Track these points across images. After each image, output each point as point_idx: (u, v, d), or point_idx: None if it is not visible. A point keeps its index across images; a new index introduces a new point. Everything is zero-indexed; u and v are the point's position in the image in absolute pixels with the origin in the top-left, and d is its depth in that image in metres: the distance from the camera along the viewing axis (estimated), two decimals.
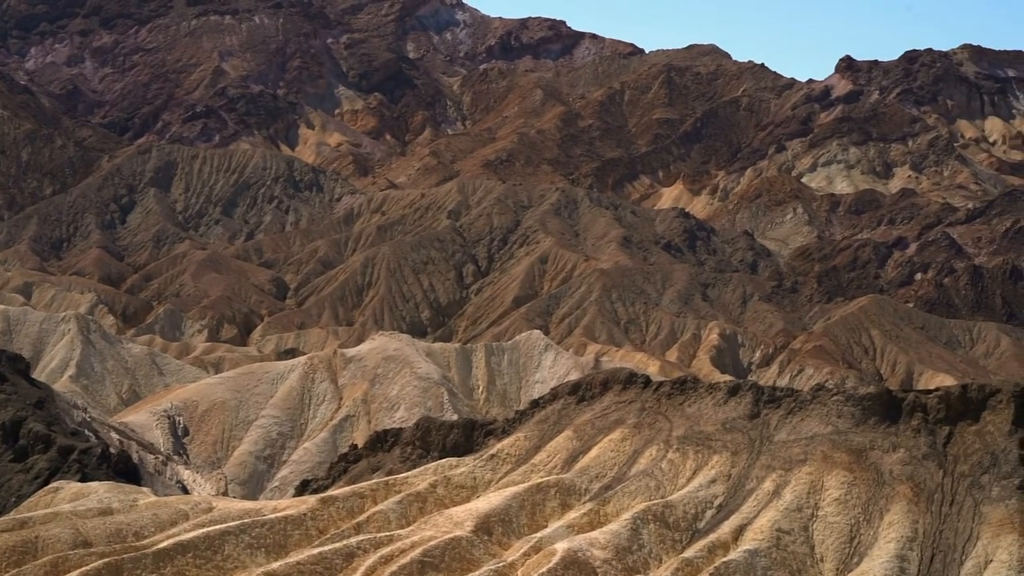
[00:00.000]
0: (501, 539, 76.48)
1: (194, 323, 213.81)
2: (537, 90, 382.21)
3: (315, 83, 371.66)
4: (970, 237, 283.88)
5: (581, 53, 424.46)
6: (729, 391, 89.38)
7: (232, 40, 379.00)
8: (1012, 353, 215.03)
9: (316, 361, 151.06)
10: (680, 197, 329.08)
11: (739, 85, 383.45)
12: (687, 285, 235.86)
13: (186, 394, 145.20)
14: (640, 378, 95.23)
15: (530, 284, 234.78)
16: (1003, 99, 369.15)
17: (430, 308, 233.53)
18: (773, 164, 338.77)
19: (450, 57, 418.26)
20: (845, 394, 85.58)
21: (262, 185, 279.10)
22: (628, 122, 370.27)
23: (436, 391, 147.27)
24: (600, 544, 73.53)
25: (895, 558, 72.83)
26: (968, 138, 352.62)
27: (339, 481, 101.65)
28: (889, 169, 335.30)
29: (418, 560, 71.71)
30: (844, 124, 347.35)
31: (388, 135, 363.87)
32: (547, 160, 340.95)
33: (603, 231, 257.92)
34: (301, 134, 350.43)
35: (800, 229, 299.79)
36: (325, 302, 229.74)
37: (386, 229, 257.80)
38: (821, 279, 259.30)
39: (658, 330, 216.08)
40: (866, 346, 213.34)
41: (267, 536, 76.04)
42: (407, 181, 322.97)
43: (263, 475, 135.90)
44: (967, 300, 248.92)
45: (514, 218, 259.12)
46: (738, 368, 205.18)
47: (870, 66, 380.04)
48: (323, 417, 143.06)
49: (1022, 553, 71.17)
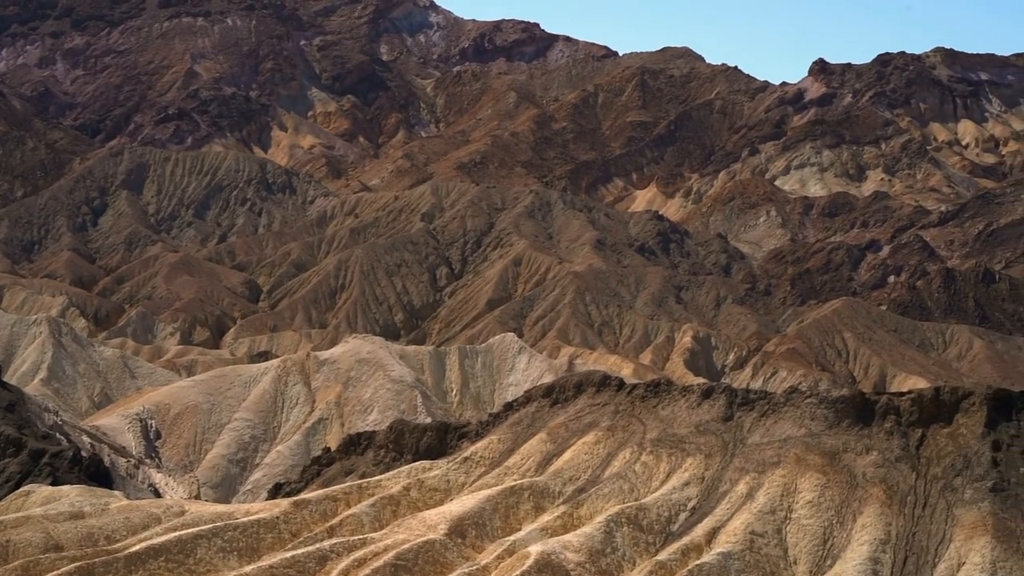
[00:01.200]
0: (475, 542, 76.33)
1: (166, 326, 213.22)
2: (511, 92, 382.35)
3: (288, 85, 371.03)
4: (943, 240, 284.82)
5: (555, 55, 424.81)
6: (703, 394, 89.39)
7: (204, 42, 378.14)
8: (985, 356, 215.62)
9: (289, 364, 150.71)
10: (654, 200, 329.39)
11: (712, 88, 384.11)
12: (661, 288, 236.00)
13: (158, 397, 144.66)
14: (614, 381, 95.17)
15: (504, 287, 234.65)
16: (976, 102, 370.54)
17: (403, 311, 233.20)
18: (746, 167, 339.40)
19: (423, 59, 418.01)
20: (818, 397, 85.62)
21: (235, 187, 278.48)
22: (602, 125, 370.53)
23: (410, 394, 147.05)
24: (574, 547, 73.42)
25: (868, 560, 72.90)
26: (941, 141, 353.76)
27: (312, 484, 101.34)
28: (862, 172, 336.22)
29: (391, 563, 71.51)
30: (817, 127, 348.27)
31: (361, 137, 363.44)
32: (521, 162, 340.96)
33: (577, 234, 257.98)
34: (274, 136, 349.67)
35: (773, 232, 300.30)
36: (298, 305, 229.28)
37: (359, 231, 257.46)
38: (794, 282, 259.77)
39: (632, 332, 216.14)
40: (839, 349, 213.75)
41: (240, 540, 75.76)
42: (380, 183, 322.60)
43: (236, 478, 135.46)
44: (940, 303, 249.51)
45: (488, 220, 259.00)
46: (711, 370, 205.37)
47: (843, 69, 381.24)
48: (296, 420, 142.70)
49: (994, 555, 71.28)
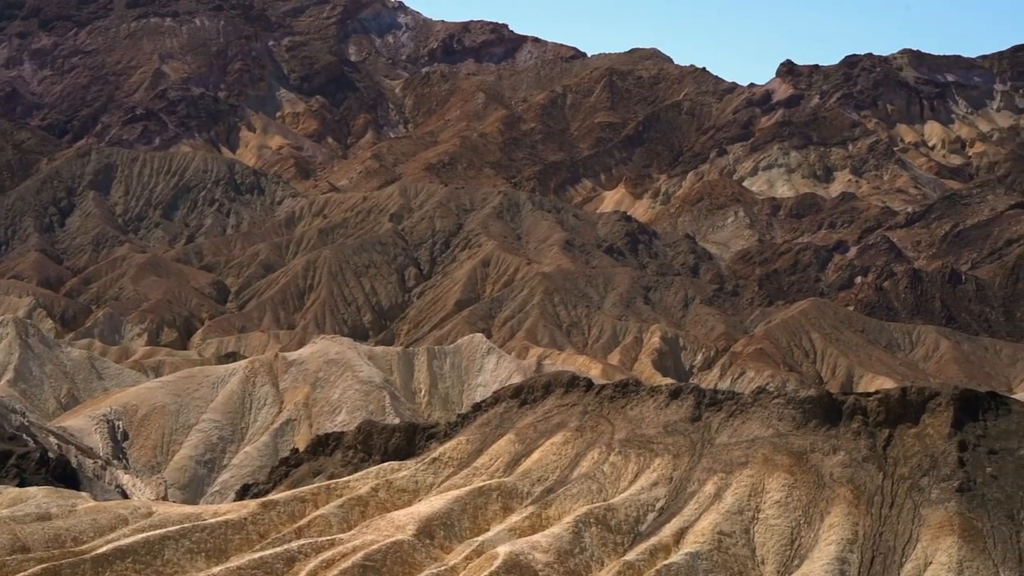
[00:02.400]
0: (443, 543, 76.27)
1: (134, 327, 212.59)
2: (479, 93, 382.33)
3: (256, 86, 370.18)
4: (910, 241, 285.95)
5: (523, 56, 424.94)
6: (671, 394, 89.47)
7: (172, 42, 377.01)
8: (951, 356, 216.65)
9: (257, 365, 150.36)
10: (622, 201, 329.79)
11: (681, 89, 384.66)
12: (629, 288, 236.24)
13: (126, 398, 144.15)
14: (582, 381, 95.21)
15: (472, 287, 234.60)
16: (942, 104, 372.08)
17: (372, 311, 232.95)
18: (714, 168, 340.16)
19: (392, 60, 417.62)
20: (786, 397, 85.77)
21: (203, 188, 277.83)
22: (570, 125, 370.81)
23: (378, 394, 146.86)
24: (542, 547, 73.42)
25: (835, 560, 73.09)
26: (908, 142, 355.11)
27: (280, 485, 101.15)
28: (829, 173, 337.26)
29: (360, 564, 71.40)
30: (785, 128, 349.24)
31: (330, 138, 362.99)
32: (489, 163, 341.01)
33: (545, 234, 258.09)
34: (242, 137, 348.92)
35: (741, 232, 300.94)
36: (266, 305, 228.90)
37: (328, 232, 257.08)
38: (762, 282, 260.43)
39: (600, 333, 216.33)
40: (807, 349, 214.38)
41: (207, 541, 75.54)
42: (349, 184, 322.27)
43: (203, 479, 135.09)
44: (907, 303, 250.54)
45: (456, 221, 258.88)
46: (680, 371, 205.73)
47: (811, 70, 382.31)
48: (264, 421, 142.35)
49: (961, 555, 71.56)
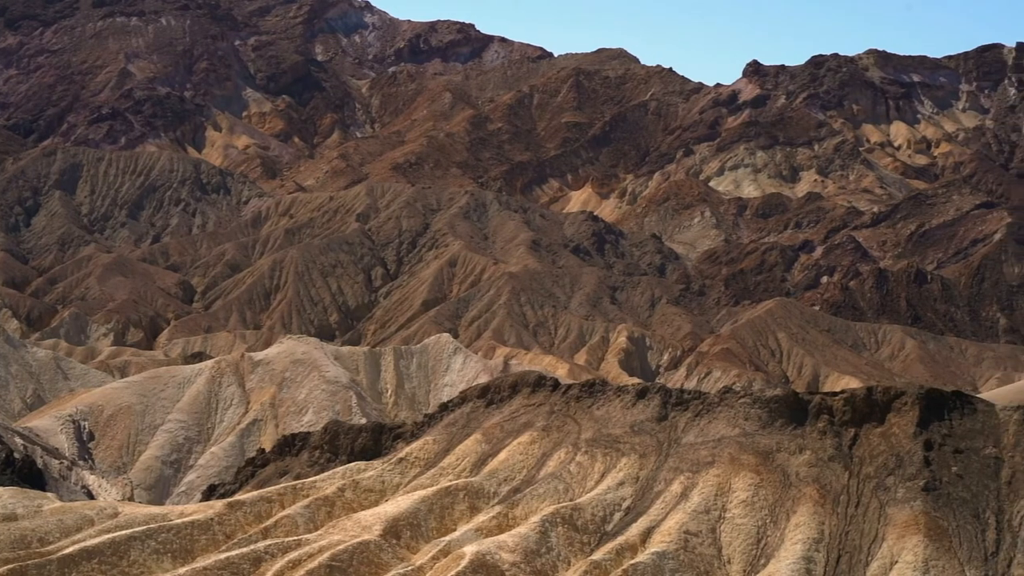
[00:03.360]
0: (410, 543, 76.22)
1: (100, 327, 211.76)
2: (446, 93, 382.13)
3: (222, 85, 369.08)
4: (875, 241, 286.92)
5: (490, 56, 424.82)
6: (637, 394, 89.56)
7: (138, 42, 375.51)
8: (917, 356, 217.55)
9: (223, 365, 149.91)
10: (589, 200, 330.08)
11: (647, 89, 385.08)
12: (596, 288, 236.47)
13: (91, 399, 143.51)
14: (549, 381, 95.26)
15: (439, 287, 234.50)
16: (908, 104, 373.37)
17: (338, 311, 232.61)
18: (681, 168, 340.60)
19: (359, 60, 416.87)
20: (752, 396, 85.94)
21: (169, 188, 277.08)
22: (537, 125, 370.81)
23: (344, 395, 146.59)
24: (509, 547, 73.44)
25: (801, 559, 73.28)
26: (873, 142, 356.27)
27: (247, 486, 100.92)
28: (795, 173, 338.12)
29: (326, 564, 71.31)
30: (751, 128, 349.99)
31: (296, 138, 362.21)
32: (456, 163, 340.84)
33: (512, 234, 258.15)
34: (208, 136, 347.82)
35: (708, 232, 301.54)
36: (232, 305, 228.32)
37: (294, 232, 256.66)
38: (728, 282, 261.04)
39: (567, 333, 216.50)
40: (773, 349, 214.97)
41: (174, 541, 75.33)
42: (315, 184, 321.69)
43: (169, 480, 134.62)
44: (872, 303, 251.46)
45: (423, 221, 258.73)
46: (646, 371, 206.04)
47: (777, 71, 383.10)
48: (230, 421, 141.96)
49: (927, 554, 71.84)
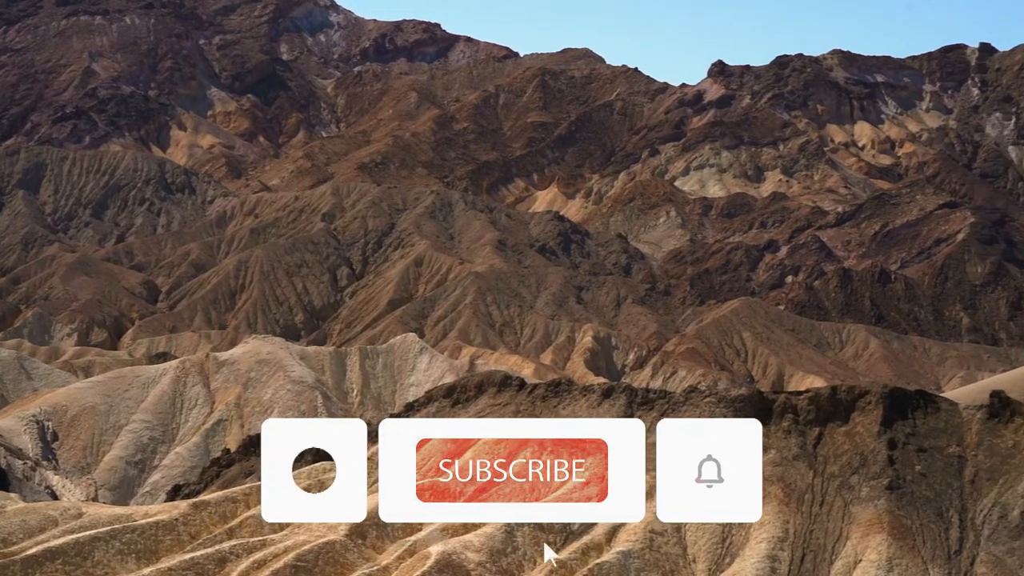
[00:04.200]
0: (375, 543, 76.05)
1: (63, 327, 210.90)
2: (412, 93, 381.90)
3: (187, 84, 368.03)
4: (839, 240, 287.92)
5: (456, 56, 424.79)
6: (603, 393, 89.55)
7: (102, 41, 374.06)
8: (880, 355, 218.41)
9: (188, 365, 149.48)
10: (554, 200, 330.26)
11: (613, 89, 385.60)
12: (561, 288, 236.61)
13: (55, 399, 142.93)
14: (515, 381, 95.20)
15: (405, 287, 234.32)
16: (872, 104, 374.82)
17: (304, 311, 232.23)
18: (646, 168, 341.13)
19: (324, 59, 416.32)
20: (717, 396, 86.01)
21: (133, 187, 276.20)
22: (503, 125, 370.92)
23: (310, 395, 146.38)
24: (475, 547, 73.38)
25: (766, 558, 73.42)
26: (838, 142, 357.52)
27: (212, 486, 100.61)
28: (760, 173, 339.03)
29: (291, 565, 71.13)
30: (716, 128, 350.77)
31: (261, 137, 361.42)
32: (422, 163, 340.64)
33: (478, 234, 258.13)
34: (173, 136, 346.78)
35: (673, 232, 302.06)
36: (197, 305, 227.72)
37: (259, 232, 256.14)
38: (694, 282, 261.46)
39: (533, 333, 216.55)
40: (738, 348, 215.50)
41: (138, 542, 75.03)
42: (281, 184, 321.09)
43: (134, 480, 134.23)
44: (836, 302, 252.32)
45: (389, 221, 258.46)
46: (612, 370, 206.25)
47: (742, 71, 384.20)
48: (195, 421, 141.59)
49: (891, 553, 72.09)
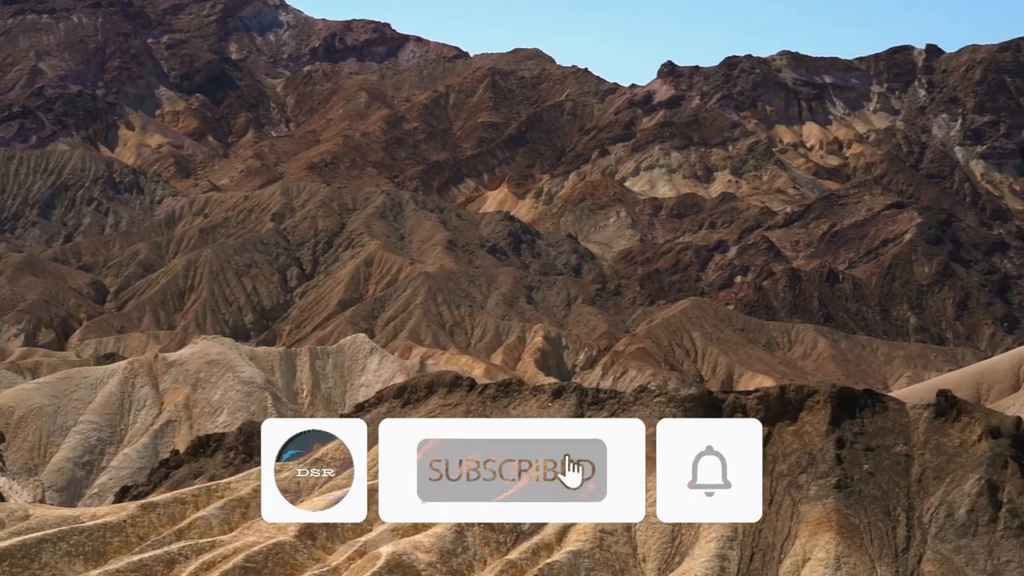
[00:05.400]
0: (325, 543, 75.90)
1: (10, 327, 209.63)
2: (362, 92, 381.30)
3: (135, 84, 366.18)
4: (788, 240, 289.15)
5: (406, 56, 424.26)
6: (553, 393, 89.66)
7: (49, 39, 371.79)
8: (829, 354, 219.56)
9: (136, 366, 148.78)
10: (505, 200, 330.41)
11: (563, 89, 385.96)
12: (512, 288, 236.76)
13: (1, 400, 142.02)
14: (465, 381, 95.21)
15: (355, 287, 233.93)
16: (820, 105, 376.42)
17: (253, 312, 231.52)
18: (596, 168, 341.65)
19: (273, 58, 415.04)
20: (667, 395, 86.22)
21: (80, 187, 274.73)
22: (453, 125, 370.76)
23: (260, 395, 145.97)
24: (425, 547, 73.34)
25: (716, 557, 73.66)
26: (786, 143, 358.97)
27: (160, 487, 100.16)
28: (710, 173, 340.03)
29: (241, 566, 70.90)
30: (666, 129, 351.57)
31: (210, 137, 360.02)
32: (372, 163, 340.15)
33: (428, 234, 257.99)
34: (121, 135, 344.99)
35: (623, 232, 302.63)
36: (146, 306, 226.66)
37: (208, 232, 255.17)
38: (644, 282, 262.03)
39: (483, 333, 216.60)
40: (687, 348, 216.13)
41: (86, 543, 74.62)
42: (230, 183, 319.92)
43: (82, 482, 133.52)
44: (785, 302, 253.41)
45: (339, 221, 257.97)
46: (562, 370, 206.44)
47: (691, 71, 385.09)
48: (144, 422, 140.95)
49: (838, 551, 72.48)
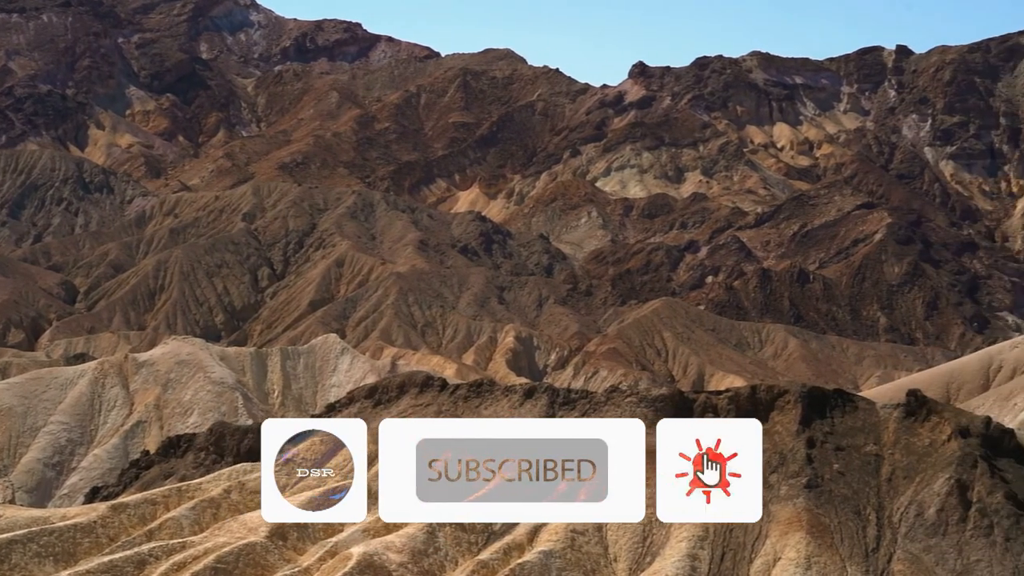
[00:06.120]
0: (296, 544, 75.82)
1: None
2: (333, 92, 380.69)
3: (105, 83, 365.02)
4: (759, 241, 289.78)
5: (377, 56, 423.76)
6: (525, 393, 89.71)
7: (19, 39, 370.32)
8: (799, 354, 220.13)
9: (107, 366, 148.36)
10: (476, 201, 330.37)
11: (534, 90, 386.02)
12: (483, 288, 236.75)
13: None
14: (436, 381, 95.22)
15: (326, 287, 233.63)
16: (791, 105, 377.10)
17: (224, 312, 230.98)
18: (568, 168, 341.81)
19: (244, 58, 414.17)
20: (638, 395, 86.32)
21: (50, 187, 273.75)
22: (424, 125, 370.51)
23: (230, 396, 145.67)
24: (396, 548, 73.31)
25: (686, 557, 73.78)
26: (757, 144, 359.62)
27: (131, 488, 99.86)
28: (681, 174, 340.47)
29: (211, 567, 70.79)
30: (637, 129, 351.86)
31: (181, 137, 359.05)
32: (343, 163, 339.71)
33: (400, 234, 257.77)
34: (91, 135, 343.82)
35: (594, 233, 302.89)
36: (116, 306, 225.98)
37: (179, 232, 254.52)
38: (615, 282, 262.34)
39: (455, 333, 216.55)
40: (658, 348, 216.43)
41: (56, 544, 74.41)
42: (200, 183, 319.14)
43: (52, 483, 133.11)
44: (756, 302, 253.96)
45: (310, 221, 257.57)
46: (534, 370, 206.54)
47: (662, 72, 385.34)
48: (114, 423, 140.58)
49: (809, 551, 72.67)
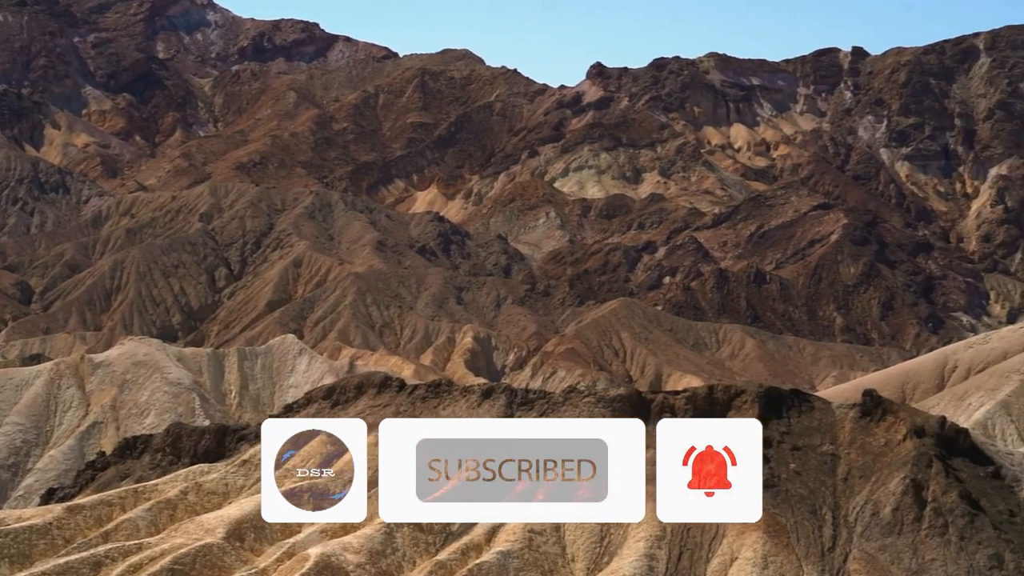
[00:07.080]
0: (253, 545, 75.66)
1: None
2: (290, 92, 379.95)
3: (61, 83, 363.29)
4: (716, 241, 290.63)
5: (335, 56, 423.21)
6: (483, 394, 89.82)
7: None
8: (756, 354, 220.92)
9: (62, 367, 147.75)
10: (434, 201, 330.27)
11: (492, 90, 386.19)
12: (441, 289, 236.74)
13: None
14: (394, 382, 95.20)
15: (284, 288, 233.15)
16: (748, 106, 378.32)
17: (181, 312, 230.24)
18: (526, 169, 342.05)
19: (201, 58, 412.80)
20: (596, 396, 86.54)
21: (6, 187, 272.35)
22: (382, 126, 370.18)
23: (187, 396, 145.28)
24: (354, 548, 73.25)
25: (644, 556, 73.98)
26: (714, 144, 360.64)
27: (87, 489, 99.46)
28: (638, 174, 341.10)
29: (168, 568, 70.56)
30: (595, 130, 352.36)
31: (137, 136, 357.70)
32: (301, 163, 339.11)
33: (357, 235, 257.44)
34: (47, 135, 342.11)
35: (552, 233, 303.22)
36: (72, 306, 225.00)
37: (135, 232, 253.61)
38: (573, 283, 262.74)
39: (413, 334, 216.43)
40: (616, 348, 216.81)
41: (11, 546, 74.05)
42: (157, 183, 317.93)
43: (7, 484, 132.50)
44: (713, 303, 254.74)
45: (267, 221, 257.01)
46: (492, 371, 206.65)
47: (620, 73, 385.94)
48: (70, 424, 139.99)
49: (765, 550, 72.99)
